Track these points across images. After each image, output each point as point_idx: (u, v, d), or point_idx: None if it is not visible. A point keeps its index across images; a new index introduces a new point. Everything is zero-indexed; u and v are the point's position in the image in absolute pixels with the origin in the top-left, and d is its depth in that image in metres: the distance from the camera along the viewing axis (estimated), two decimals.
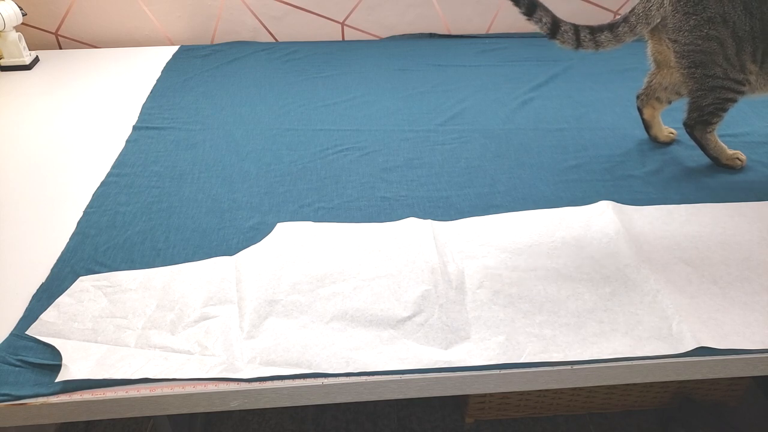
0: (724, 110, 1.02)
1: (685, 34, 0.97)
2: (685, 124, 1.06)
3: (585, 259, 0.86)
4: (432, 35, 1.65)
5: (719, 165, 1.07)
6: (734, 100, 1.01)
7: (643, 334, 0.75)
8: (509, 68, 1.45)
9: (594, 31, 1.01)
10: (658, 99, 1.11)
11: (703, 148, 1.07)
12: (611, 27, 1.01)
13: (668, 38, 1.00)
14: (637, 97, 1.14)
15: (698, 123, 1.04)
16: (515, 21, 1.66)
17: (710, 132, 1.05)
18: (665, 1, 0.97)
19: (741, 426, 1.36)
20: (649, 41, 1.06)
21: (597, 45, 1.02)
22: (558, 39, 1.02)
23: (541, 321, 0.76)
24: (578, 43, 1.02)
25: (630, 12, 1.01)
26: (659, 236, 0.90)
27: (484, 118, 1.23)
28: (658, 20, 0.98)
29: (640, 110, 1.15)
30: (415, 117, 1.24)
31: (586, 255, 0.86)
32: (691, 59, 0.99)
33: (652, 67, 1.10)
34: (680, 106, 1.09)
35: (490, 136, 1.17)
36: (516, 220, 0.93)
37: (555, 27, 1.01)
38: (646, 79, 1.12)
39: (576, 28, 1.01)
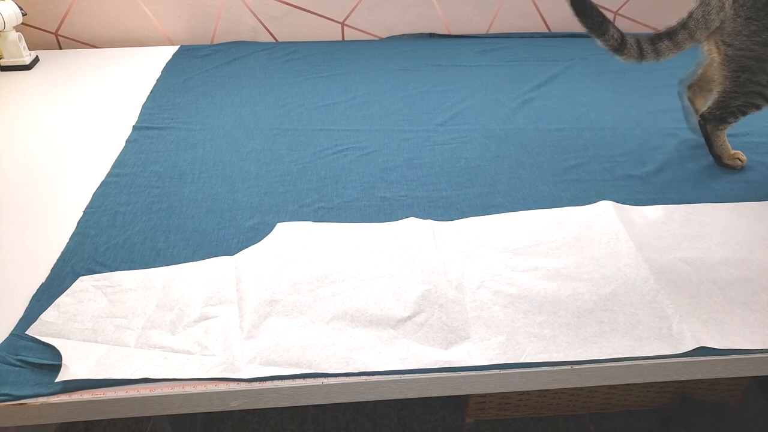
0: (746, 114, 1.02)
1: (743, 38, 0.95)
2: (702, 116, 1.06)
3: (585, 259, 0.86)
4: (432, 35, 1.65)
5: (720, 164, 1.07)
6: (760, 107, 1.01)
7: (643, 334, 0.75)
8: (509, 68, 1.45)
9: (654, 40, 1.00)
10: (710, 90, 1.08)
11: (709, 143, 1.07)
12: (670, 35, 0.99)
13: (722, 41, 0.98)
14: (688, 88, 1.11)
15: (716, 118, 1.04)
16: (515, 21, 1.66)
17: (722, 129, 1.05)
18: (726, 5, 0.95)
19: (741, 426, 1.36)
20: (704, 42, 1.04)
21: (658, 54, 1.00)
22: (624, 54, 1.00)
23: (541, 321, 0.76)
24: (642, 56, 1.00)
25: (687, 17, 0.99)
26: (659, 236, 0.90)
27: (484, 118, 1.23)
28: (718, 24, 0.96)
29: (690, 100, 1.12)
30: (415, 117, 1.24)
31: (586, 255, 0.86)
32: (740, 63, 0.97)
33: (707, 60, 1.06)
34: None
35: (490, 136, 1.17)
36: (516, 220, 0.93)
37: (622, 43, 0.99)
38: (700, 71, 1.09)
39: (638, 41, 1.00)
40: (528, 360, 0.72)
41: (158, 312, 0.78)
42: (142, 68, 1.46)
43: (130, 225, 0.93)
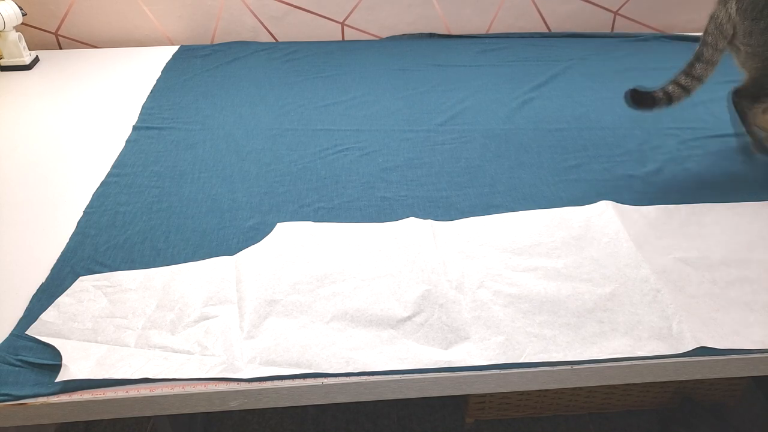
0: None
1: (757, 36, 0.99)
2: (736, 92, 1.07)
3: (585, 259, 0.86)
4: (432, 35, 1.65)
5: (759, 148, 1.08)
6: None
7: (643, 334, 0.75)
8: (509, 68, 1.45)
9: (688, 71, 1.04)
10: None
11: (745, 121, 1.08)
12: (698, 57, 1.04)
13: (740, 43, 1.02)
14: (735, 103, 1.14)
15: (750, 96, 1.06)
16: (515, 21, 1.66)
17: (757, 107, 1.06)
18: (732, 14, 1.00)
19: (741, 426, 1.36)
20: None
21: (699, 80, 1.04)
22: (674, 101, 1.05)
23: (541, 321, 0.76)
24: (687, 90, 1.05)
25: (704, 33, 1.03)
26: (659, 236, 0.90)
27: (484, 118, 1.23)
28: (732, 31, 1.01)
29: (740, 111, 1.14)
30: (415, 117, 1.24)
31: (586, 255, 0.86)
32: (764, 56, 1.01)
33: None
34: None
35: (490, 136, 1.17)
36: (516, 220, 0.93)
37: (668, 96, 1.05)
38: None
39: (676, 82, 1.05)
40: (528, 360, 0.72)
41: (158, 312, 0.78)
42: (142, 68, 1.46)
43: (130, 225, 0.93)
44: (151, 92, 1.34)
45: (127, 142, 1.16)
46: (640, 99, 1.05)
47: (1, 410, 0.67)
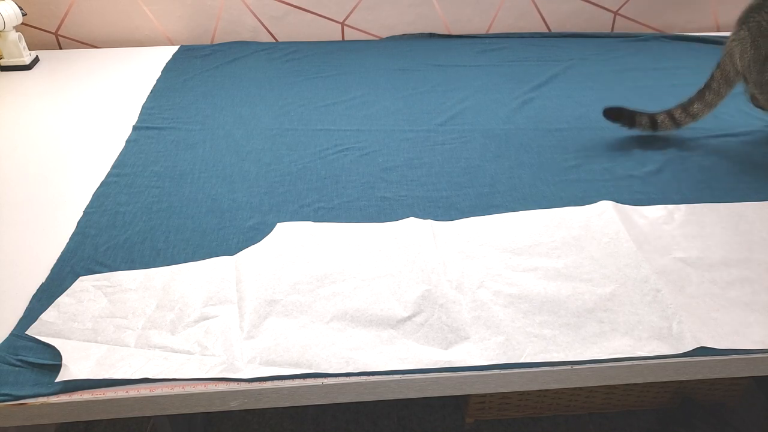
0: None
1: (765, 86, 1.03)
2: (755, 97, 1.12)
3: (585, 259, 0.86)
4: (432, 35, 1.65)
5: None
6: None
7: (643, 334, 0.75)
8: (509, 68, 1.45)
9: (686, 107, 1.09)
10: None
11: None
12: (700, 97, 1.08)
13: (756, 92, 1.07)
14: (752, 97, 1.17)
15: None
16: (515, 21, 1.66)
17: None
18: (739, 67, 1.04)
19: (741, 426, 1.36)
20: None
21: (693, 117, 1.09)
22: (660, 129, 1.10)
23: (541, 321, 0.76)
24: (677, 124, 1.09)
25: (710, 79, 1.07)
26: (659, 236, 0.90)
27: (484, 118, 1.23)
28: (740, 80, 1.05)
29: (759, 107, 1.18)
30: (415, 117, 1.24)
31: (586, 255, 0.86)
32: None
33: None
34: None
35: (490, 136, 1.17)
36: (516, 220, 0.93)
37: (653, 122, 1.10)
38: None
39: (670, 114, 1.09)
40: (528, 360, 0.72)
41: (158, 312, 0.78)
42: (142, 68, 1.46)
43: (130, 225, 0.93)
44: (151, 92, 1.34)
45: (127, 142, 1.16)
46: (615, 114, 1.11)
47: (1, 410, 0.67)
